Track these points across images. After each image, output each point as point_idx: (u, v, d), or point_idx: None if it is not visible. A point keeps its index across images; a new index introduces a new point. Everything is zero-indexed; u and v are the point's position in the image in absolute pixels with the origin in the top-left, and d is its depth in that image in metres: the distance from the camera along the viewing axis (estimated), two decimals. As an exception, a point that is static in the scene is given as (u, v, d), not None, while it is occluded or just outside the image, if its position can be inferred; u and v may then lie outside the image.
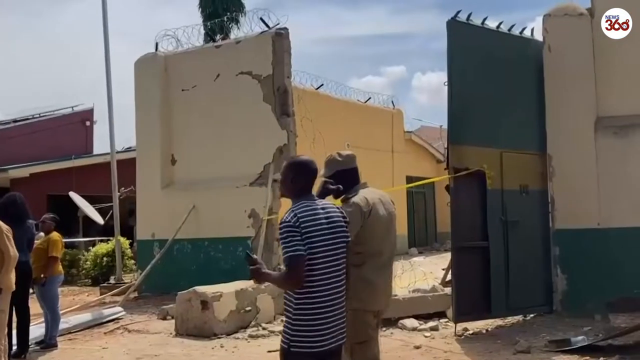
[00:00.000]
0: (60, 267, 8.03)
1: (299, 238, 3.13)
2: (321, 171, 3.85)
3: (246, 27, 12.30)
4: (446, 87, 7.39)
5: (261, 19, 11.49)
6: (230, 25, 17.62)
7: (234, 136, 11.44)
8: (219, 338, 7.47)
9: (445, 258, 13.16)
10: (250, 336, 7.54)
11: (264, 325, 7.93)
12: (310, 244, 3.15)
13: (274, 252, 10.56)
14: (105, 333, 8.47)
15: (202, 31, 15.34)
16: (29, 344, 7.27)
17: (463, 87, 7.40)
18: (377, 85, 72.90)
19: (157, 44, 12.75)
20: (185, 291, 8.02)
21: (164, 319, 8.91)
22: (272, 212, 10.72)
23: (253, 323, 7.96)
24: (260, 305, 8.19)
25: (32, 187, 16.44)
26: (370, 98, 17.79)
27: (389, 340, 6.94)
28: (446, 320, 7.62)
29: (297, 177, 3.36)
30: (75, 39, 74.77)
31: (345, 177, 3.97)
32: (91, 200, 16.73)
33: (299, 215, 3.18)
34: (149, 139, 12.50)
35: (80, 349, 7.58)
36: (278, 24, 11.35)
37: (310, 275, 3.15)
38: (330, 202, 3.49)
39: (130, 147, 18.68)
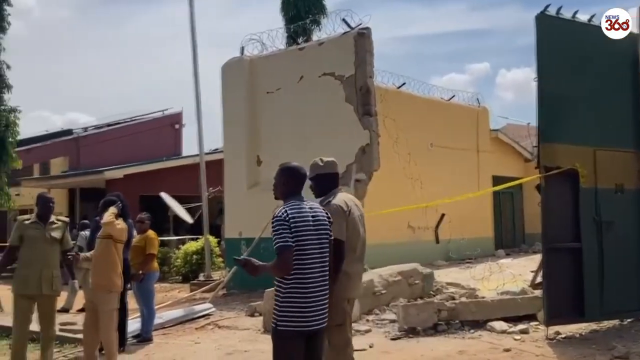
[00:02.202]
0: (156, 264, 8.42)
1: (288, 231, 3.65)
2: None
3: (328, 28, 12.42)
4: (535, 84, 7.19)
5: (343, 19, 11.58)
6: (313, 28, 17.78)
7: (316, 136, 11.56)
8: (306, 336, 7.58)
9: (534, 260, 12.78)
10: (336, 335, 7.60)
11: (349, 324, 7.97)
12: (298, 237, 3.67)
13: (357, 252, 10.58)
14: (196, 328, 8.79)
15: (285, 34, 15.58)
16: (127, 337, 7.66)
17: (553, 82, 7.16)
18: (460, 83, 71.69)
19: (242, 48, 13.10)
20: (272, 288, 8.17)
21: (252, 315, 9.14)
22: (355, 212, 10.75)
23: (339, 322, 8.02)
24: (346, 304, 8.23)
25: (126, 187, 17.21)
26: (454, 96, 17.48)
27: (477, 343, 6.84)
28: (536, 323, 7.41)
29: (288, 181, 3.91)
30: (163, 45, 77.78)
31: (324, 181, 4.53)
32: (180, 200, 17.35)
33: (288, 212, 3.72)
34: (235, 140, 12.86)
35: (173, 344, 7.90)
36: (360, 24, 11.40)
37: (299, 264, 3.67)
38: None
39: (217, 149, 19.26)
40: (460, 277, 11.34)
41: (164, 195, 16.35)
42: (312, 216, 3.80)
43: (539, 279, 8.74)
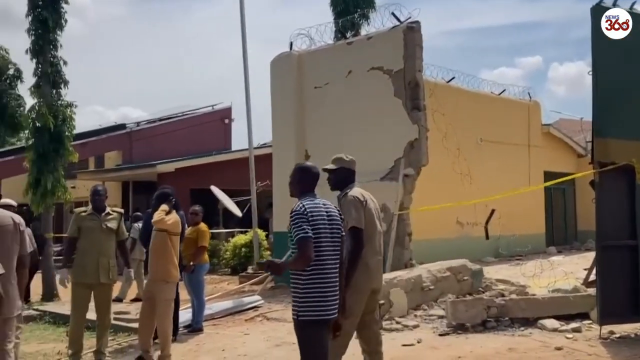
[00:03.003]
0: (206, 257, 8.59)
1: (307, 224, 3.84)
2: (328, 165, 4.78)
3: (377, 23, 12.37)
4: (590, 77, 7.00)
5: (392, 13, 11.52)
6: (361, 22, 17.76)
7: (365, 131, 11.56)
8: (353, 330, 7.61)
9: (586, 258, 12.49)
10: (384, 329, 7.57)
11: (397, 319, 7.97)
12: (316, 230, 3.86)
13: (406, 247, 10.56)
14: (245, 320, 8.93)
15: (334, 29, 15.60)
16: (179, 327, 7.86)
17: (609, 76, 6.96)
18: (510, 77, 70.38)
19: (291, 43, 13.17)
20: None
21: (299, 309, 9.20)
22: (403, 207, 10.72)
23: (386, 316, 8.03)
24: (394, 299, 8.23)
25: (177, 181, 17.57)
26: (504, 90, 17.18)
27: (527, 340, 6.74)
28: (589, 322, 7.24)
29: (303, 179, 4.15)
30: (214, 41, 78.80)
31: (344, 175, 4.77)
32: (230, 193, 17.59)
33: (306, 206, 3.94)
34: (284, 135, 12.96)
35: (223, 334, 8.06)
36: (409, 17, 11.32)
37: (318, 255, 3.85)
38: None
39: (266, 143, 19.44)
40: (510, 273, 11.17)
41: (214, 188, 16.61)
42: (326, 211, 4.03)
43: (592, 277, 8.54)
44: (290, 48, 13.15)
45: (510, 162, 16.12)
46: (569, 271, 10.10)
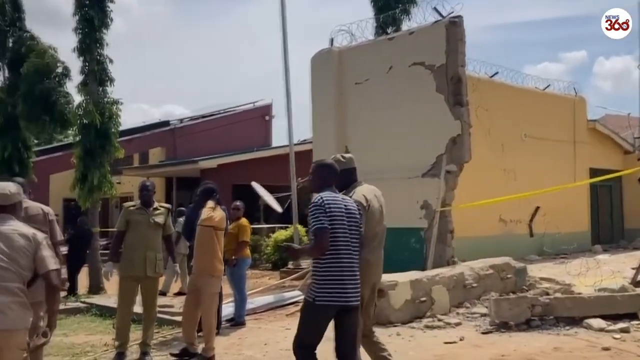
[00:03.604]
0: (248, 251, 8.68)
1: (324, 215, 4.07)
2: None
3: (419, 18, 12.30)
4: (638, 72, 6.82)
5: (435, 8, 11.40)
6: (402, 17, 17.62)
7: (406, 127, 11.48)
8: (395, 326, 7.60)
9: (634, 256, 12.16)
10: (426, 326, 7.57)
11: (439, 316, 7.92)
12: (333, 221, 4.08)
13: (448, 245, 10.46)
14: (286, 315, 8.99)
15: (375, 24, 15.53)
16: (222, 321, 7.96)
17: (660, 70, 6.77)
18: (554, 72, 68.97)
19: (332, 40, 13.17)
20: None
21: (340, 304, 9.21)
22: (445, 204, 10.62)
23: (428, 314, 7.99)
24: (435, 296, 8.18)
25: (219, 177, 17.80)
26: (549, 85, 16.82)
27: (573, 340, 6.62)
28: (638, 322, 7.07)
29: (324, 175, 4.38)
30: (255, 39, 79.33)
31: (345, 176, 4.78)
32: (270, 189, 17.69)
33: (324, 198, 4.15)
34: (324, 131, 12.98)
35: (265, 328, 8.13)
36: (452, 12, 11.18)
37: (334, 245, 4.07)
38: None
39: (305, 140, 19.51)
40: (555, 272, 10.96)
41: (255, 184, 16.70)
42: (344, 205, 4.25)
43: (640, 277, 8.33)
44: (331, 44, 13.16)
45: (555, 159, 15.79)
46: (616, 270, 9.85)
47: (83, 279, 12.87)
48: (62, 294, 4.93)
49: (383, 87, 12.03)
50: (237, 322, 8.30)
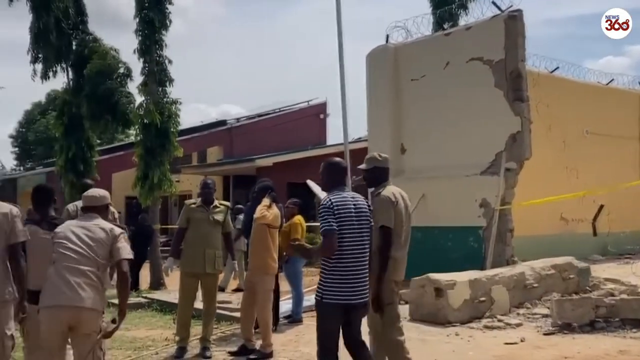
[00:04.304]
0: (302, 249, 8.68)
1: (332, 217, 4.19)
2: (362, 165, 5.08)
3: (477, 12, 12.04)
4: None
5: (493, 2, 11.15)
6: (459, 12, 17.37)
7: (463, 124, 11.30)
8: (454, 326, 7.49)
9: None
10: (486, 327, 7.43)
11: (499, 316, 7.76)
12: (341, 223, 4.20)
13: (507, 244, 10.25)
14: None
15: (431, 20, 15.34)
16: (279, 317, 8.02)
17: None
18: (618, 66, 66.39)
19: (387, 36, 13.05)
20: (419, 277, 8.15)
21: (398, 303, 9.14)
22: (504, 202, 10.40)
23: (488, 314, 7.84)
24: (495, 296, 8.02)
25: (274, 175, 17.93)
26: (612, 80, 16.22)
27: (640, 343, 6.37)
28: None
29: (332, 174, 4.49)
30: (310, 37, 79.72)
31: (379, 174, 5.00)
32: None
33: (333, 200, 4.26)
34: (379, 129, 12.90)
35: (311, 326, 8.12)
36: (511, 6, 10.94)
37: (341, 246, 4.19)
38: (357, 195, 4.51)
39: (361, 138, 19.44)
40: (620, 272, 10.57)
41: (310, 182, 16.77)
42: (354, 204, 4.34)
43: None
44: (387, 41, 13.05)
45: (618, 156, 15.20)
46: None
47: (145, 274, 13.20)
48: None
49: (440, 83, 11.87)
50: (294, 319, 8.35)
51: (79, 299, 4.04)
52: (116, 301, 4.36)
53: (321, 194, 17.12)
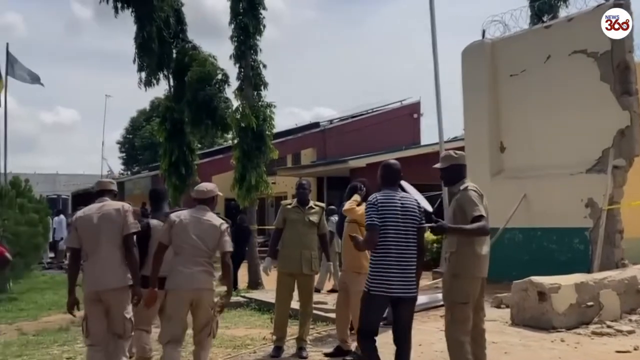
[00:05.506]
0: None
1: (375, 214, 4.53)
2: (437, 164, 5.25)
3: (578, 3, 11.48)
4: None
5: (598, -9, 10.58)
6: (559, 4, 16.61)
7: (567, 120, 10.80)
8: (558, 332, 7.13)
9: None
10: (594, 333, 7.03)
11: (608, 322, 7.32)
12: (384, 219, 4.52)
13: (616, 246, 9.69)
14: (440, 316, 8.73)
15: (529, 13, 14.76)
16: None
17: None
18: None
19: (483, 31, 12.70)
20: (521, 280, 7.83)
21: (498, 307, 8.85)
22: (613, 202, 9.83)
23: (596, 319, 7.41)
24: (604, 300, 7.58)
25: (368, 176, 17.81)
26: None
27: None
28: None
29: (383, 175, 4.81)
30: (402, 37, 79.17)
31: (456, 171, 5.07)
32: (419, 188, 17.42)
33: (378, 198, 4.61)
34: (477, 127, 12.57)
35: (419, 329, 7.94)
36: (617, -6, 10.32)
37: (384, 240, 4.52)
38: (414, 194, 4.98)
39: (456, 137, 19.01)
40: None
41: (404, 183, 16.53)
42: (401, 204, 4.62)
43: None
44: (483, 36, 12.70)
45: None
46: None
47: (243, 274, 13.50)
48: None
49: (541, 78, 11.41)
50: (389, 321, 8.23)
51: (197, 282, 5.08)
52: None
53: (416, 195, 16.87)
